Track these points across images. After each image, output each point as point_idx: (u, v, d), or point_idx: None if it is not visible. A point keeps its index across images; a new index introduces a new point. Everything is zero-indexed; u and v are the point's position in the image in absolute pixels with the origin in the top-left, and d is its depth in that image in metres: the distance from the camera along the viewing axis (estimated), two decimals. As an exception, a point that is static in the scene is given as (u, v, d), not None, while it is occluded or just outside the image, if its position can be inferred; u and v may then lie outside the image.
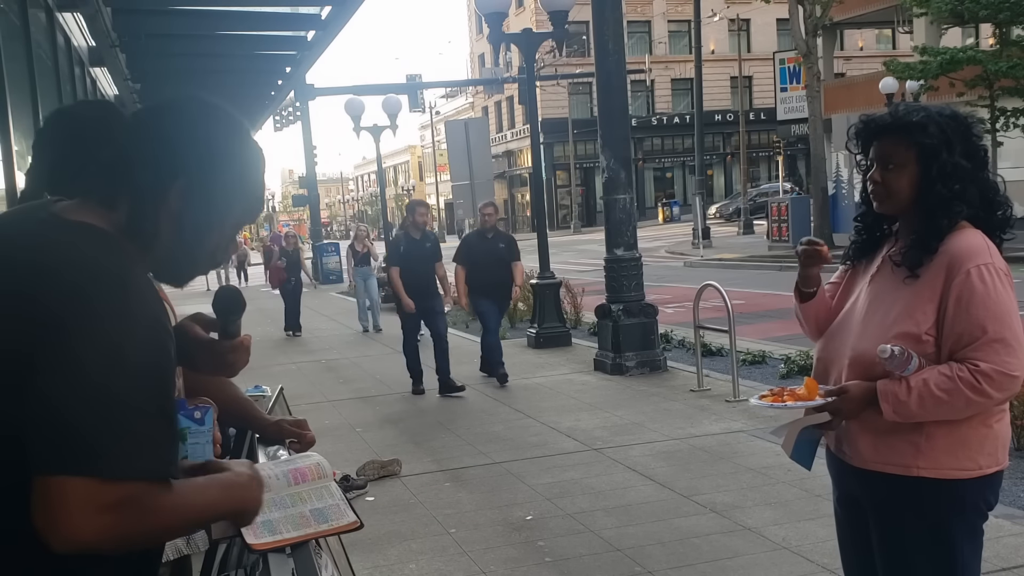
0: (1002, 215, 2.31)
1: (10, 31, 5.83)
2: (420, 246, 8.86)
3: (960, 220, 2.25)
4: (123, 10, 9.84)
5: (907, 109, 2.31)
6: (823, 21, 24.03)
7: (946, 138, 2.23)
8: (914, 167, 2.26)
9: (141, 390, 1.25)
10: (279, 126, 30.49)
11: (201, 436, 1.78)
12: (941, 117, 2.27)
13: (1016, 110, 21.95)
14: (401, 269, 8.74)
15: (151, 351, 1.29)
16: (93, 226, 1.35)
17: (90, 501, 1.20)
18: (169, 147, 1.41)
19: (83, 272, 1.27)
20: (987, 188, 2.29)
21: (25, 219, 1.41)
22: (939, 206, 2.23)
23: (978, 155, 2.28)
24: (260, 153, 1.53)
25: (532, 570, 4.36)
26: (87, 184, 1.43)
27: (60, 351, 1.22)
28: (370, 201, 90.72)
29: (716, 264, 22.82)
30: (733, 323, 7.66)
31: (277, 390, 3.05)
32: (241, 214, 1.52)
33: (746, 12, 44.43)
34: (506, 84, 37.47)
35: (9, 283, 1.27)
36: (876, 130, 2.33)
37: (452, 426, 7.37)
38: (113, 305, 1.26)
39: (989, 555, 3.68)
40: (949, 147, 2.23)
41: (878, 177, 2.31)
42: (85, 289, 1.26)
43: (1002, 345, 2.13)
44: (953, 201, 2.23)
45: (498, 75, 39.52)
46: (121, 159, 1.42)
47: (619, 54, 9.38)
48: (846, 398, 2.27)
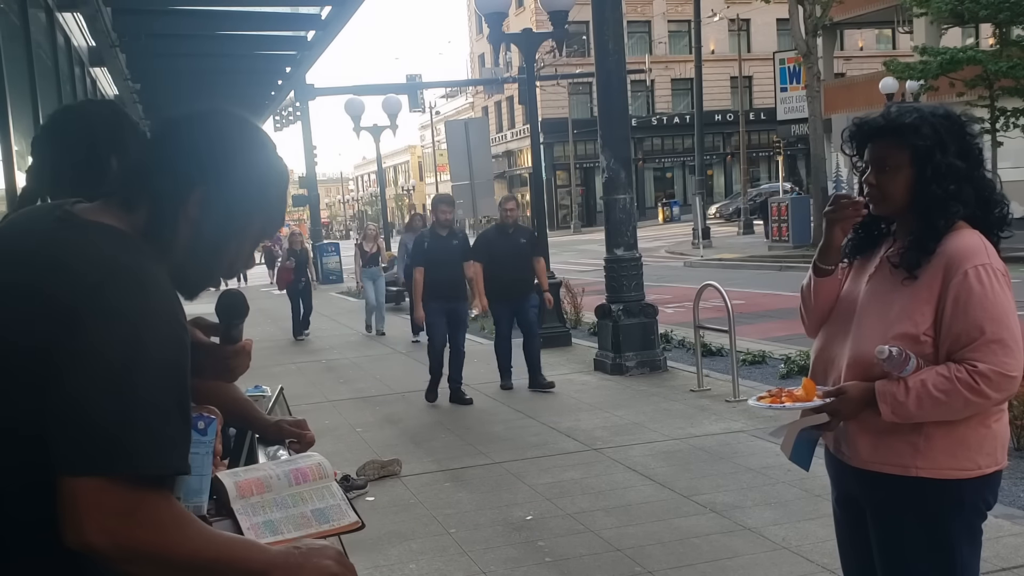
0: (999, 213, 2.31)
1: (10, 31, 5.82)
2: (447, 244, 8.51)
3: (957, 220, 2.25)
4: (123, 10, 9.82)
5: (900, 111, 2.30)
6: (823, 21, 24.03)
7: (940, 139, 2.23)
8: (909, 169, 2.25)
9: (161, 387, 1.25)
10: (279, 126, 30.46)
11: (202, 447, 1.73)
12: (934, 117, 2.26)
13: (1016, 110, 21.94)
14: (426, 269, 8.44)
15: (170, 347, 1.29)
16: (111, 226, 1.36)
17: (111, 503, 1.20)
18: (192, 155, 1.41)
19: (101, 269, 1.28)
20: (983, 187, 2.29)
21: (42, 218, 1.41)
22: (935, 207, 2.23)
23: (972, 154, 2.28)
24: (284, 169, 1.52)
25: (532, 570, 4.36)
26: (107, 186, 1.44)
27: (80, 348, 1.23)
28: (370, 201, 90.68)
29: (716, 264, 22.81)
30: (733, 323, 7.66)
31: (277, 390, 3.05)
32: (261, 228, 1.50)
33: (746, 12, 44.41)
34: (506, 84, 37.43)
35: (27, 280, 1.28)
36: (870, 132, 2.33)
37: (452, 426, 7.37)
38: (131, 301, 1.26)
39: (989, 555, 3.68)
40: (943, 147, 2.23)
41: (873, 180, 2.30)
42: (103, 285, 1.26)
43: (1000, 346, 2.13)
44: (949, 201, 2.23)
45: (498, 75, 39.53)
46: (143, 164, 1.43)
47: (619, 54, 9.38)
48: (844, 399, 2.28)
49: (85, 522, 1.20)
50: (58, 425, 1.22)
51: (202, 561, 1.29)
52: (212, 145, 1.43)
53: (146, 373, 1.24)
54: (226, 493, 1.67)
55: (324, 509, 1.67)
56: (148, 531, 1.23)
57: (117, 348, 1.23)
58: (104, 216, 1.38)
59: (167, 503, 1.28)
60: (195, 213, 1.41)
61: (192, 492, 1.71)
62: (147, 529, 1.23)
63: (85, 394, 1.21)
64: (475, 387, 8.96)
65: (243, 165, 1.45)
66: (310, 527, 1.62)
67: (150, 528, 1.24)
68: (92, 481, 1.20)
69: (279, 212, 1.53)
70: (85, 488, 1.20)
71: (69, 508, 1.21)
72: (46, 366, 1.23)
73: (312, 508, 1.66)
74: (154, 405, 1.24)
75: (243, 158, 1.45)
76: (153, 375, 1.25)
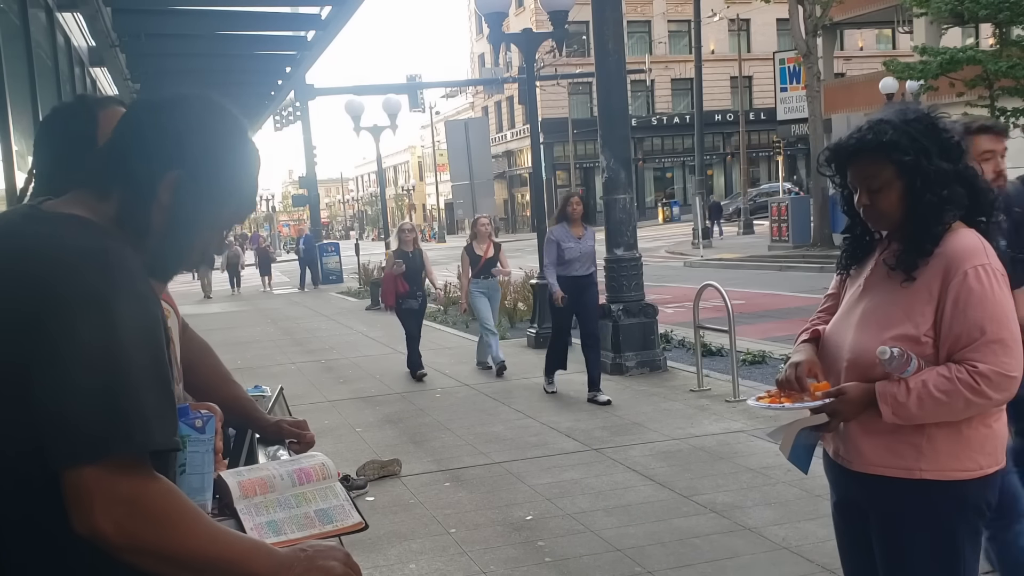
0: (986, 199, 2.29)
1: (10, 31, 5.82)
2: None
3: (953, 222, 2.25)
4: (123, 10, 9.82)
5: (872, 129, 2.26)
6: (823, 21, 24.05)
7: (920, 146, 2.21)
8: (898, 183, 2.23)
9: (140, 366, 1.26)
10: (279, 126, 30.46)
11: (201, 445, 1.71)
12: (908, 125, 2.23)
13: (1016, 110, 21.94)
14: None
15: (143, 325, 1.29)
16: (76, 215, 1.36)
17: (111, 490, 1.21)
18: (165, 139, 1.41)
19: (67, 257, 1.28)
20: (968, 178, 2.26)
21: (10, 216, 1.43)
22: (931, 214, 2.22)
23: (952, 150, 2.25)
24: (257, 153, 1.53)
25: (532, 570, 4.36)
26: (83, 176, 1.44)
27: (52, 338, 1.23)
28: (370, 201, 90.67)
29: (716, 264, 22.82)
30: (733, 323, 7.66)
31: (277, 390, 3.05)
32: (233, 212, 1.51)
33: (746, 12, 44.43)
34: (506, 84, 37.47)
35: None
36: (848, 155, 2.30)
37: (452, 426, 7.37)
38: (99, 285, 1.26)
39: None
40: (926, 154, 2.20)
41: (867, 201, 2.28)
42: (70, 273, 1.26)
43: (1000, 346, 2.13)
44: (943, 207, 2.21)
45: (498, 75, 39.55)
46: (118, 148, 1.43)
47: (619, 54, 9.38)
48: (844, 399, 2.28)
49: (91, 509, 1.21)
50: (46, 420, 1.22)
51: (208, 557, 1.28)
52: (185, 129, 1.43)
53: (123, 354, 1.24)
54: (229, 493, 1.67)
55: (327, 509, 1.67)
56: (153, 521, 1.24)
57: (91, 333, 1.23)
58: (72, 207, 1.38)
59: (172, 494, 1.28)
60: (168, 198, 1.41)
61: (194, 491, 1.71)
62: (152, 519, 1.24)
63: (65, 384, 1.22)
64: (475, 387, 8.97)
65: (217, 149, 1.44)
66: (313, 527, 1.62)
67: (155, 518, 1.24)
68: (89, 470, 1.21)
69: (251, 196, 1.53)
70: (84, 478, 1.21)
71: (73, 500, 1.22)
72: (20, 370, 1.23)
73: (316, 508, 1.66)
74: (135, 386, 1.24)
75: (217, 142, 1.45)
76: (130, 355, 1.25)
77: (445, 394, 8.77)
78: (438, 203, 64.72)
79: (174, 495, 1.28)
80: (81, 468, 1.21)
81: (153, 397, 1.26)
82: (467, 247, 10.07)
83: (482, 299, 9.88)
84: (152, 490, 1.25)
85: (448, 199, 52.92)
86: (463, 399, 8.49)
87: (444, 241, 56.37)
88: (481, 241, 9.95)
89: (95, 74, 10.51)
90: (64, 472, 1.22)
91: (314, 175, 29.45)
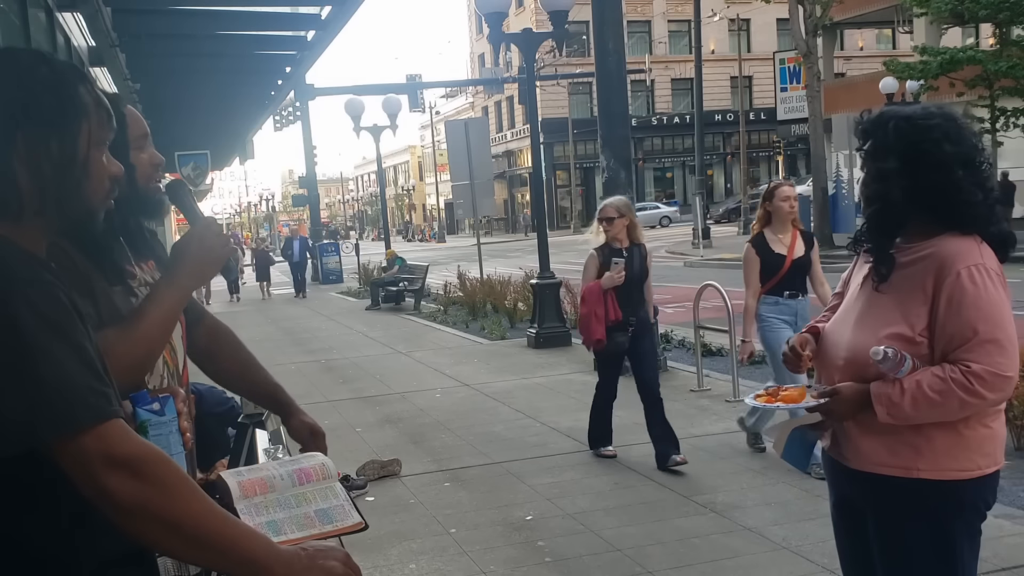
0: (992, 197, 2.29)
1: (10, 31, 5.83)
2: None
3: (950, 218, 2.24)
4: (123, 10, 9.83)
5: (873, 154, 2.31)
6: (823, 21, 24.03)
7: (912, 168, 2.23)
8: None
9: (56, 347, 1.26)
10: (279, 126, 30.48)
11: (163, 427, 1.67)
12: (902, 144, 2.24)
13: (1016, 110, 21.97)
14: None
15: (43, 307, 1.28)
16: None
17: (91, 455, 1.24)
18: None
19: None
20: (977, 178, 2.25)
21: None
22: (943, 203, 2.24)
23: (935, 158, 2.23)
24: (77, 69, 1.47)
25: (532, 570, 4.37)
26: None
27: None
28: (370, 201, 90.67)
29: (716, 264, 22.80)
30: (733, 323, 7.66)
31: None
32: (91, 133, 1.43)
33: (746, 12, 44.43)
34: (506, 84, 37.51)
35: None
36: None
37: (452, 426, 7.37)
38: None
39: (989, 555, 3.69)
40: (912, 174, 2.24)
41: None
42: None
43: (994, 346, 2.13)
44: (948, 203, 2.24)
45: (498, 75, 39.58)
46: None
47: (619, 54, 9.38)
48: (838, 399, 2.28)
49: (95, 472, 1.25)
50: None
51: (210, 529, 1.30)
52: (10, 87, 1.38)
53: (35, 343, 1.24)
54: (229, 493, 1.67)
55: (328, 510, 1.67)
56: (156, 483, 1.27)
57: None
58: None
59: (170, 462, 1.31)
60: (27, 157, 1.37)
61: None
62: (155, 481, 1.27)
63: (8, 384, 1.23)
64: (475, 387, 8.97)
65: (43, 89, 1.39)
66: (313, 528, 1.62)
67: (158, 480, 1.27)
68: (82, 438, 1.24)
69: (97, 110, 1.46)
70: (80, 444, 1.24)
71: (75, 467, 1.26)
72: None
73: (316, 508, 1.66)
74: (55, 368, 1.25)
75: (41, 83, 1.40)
76: (42, 341, 1.25)
77: (445, 394, 8.77)
78: (438, 203, 64.70)
79: (172, 463, 1.32)
80: (67, 440, 1.24)
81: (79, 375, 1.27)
82: (754, 239, 6.01)
83: (784, 331, 5.66)
84: (147, 452, 1.29)
85: (448, 199, 52.91)
86: (463, 399, 8.49)
87: (444, 241, 56.39)
88: (778, 230, 5.87)
89: (95, 74, 10.51)
90: (57, 445, 1.24)
91: (314, 175, 29.46)
